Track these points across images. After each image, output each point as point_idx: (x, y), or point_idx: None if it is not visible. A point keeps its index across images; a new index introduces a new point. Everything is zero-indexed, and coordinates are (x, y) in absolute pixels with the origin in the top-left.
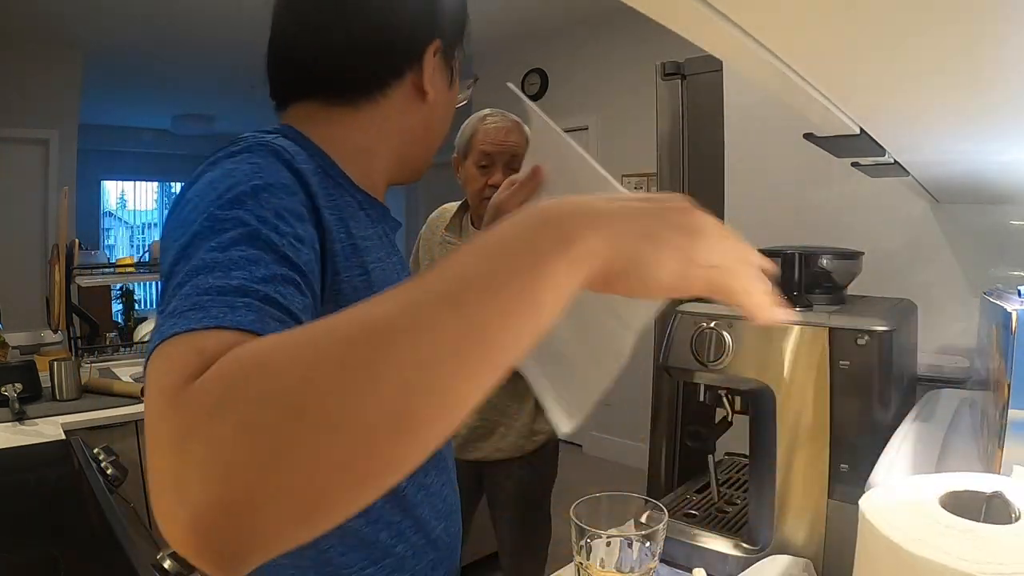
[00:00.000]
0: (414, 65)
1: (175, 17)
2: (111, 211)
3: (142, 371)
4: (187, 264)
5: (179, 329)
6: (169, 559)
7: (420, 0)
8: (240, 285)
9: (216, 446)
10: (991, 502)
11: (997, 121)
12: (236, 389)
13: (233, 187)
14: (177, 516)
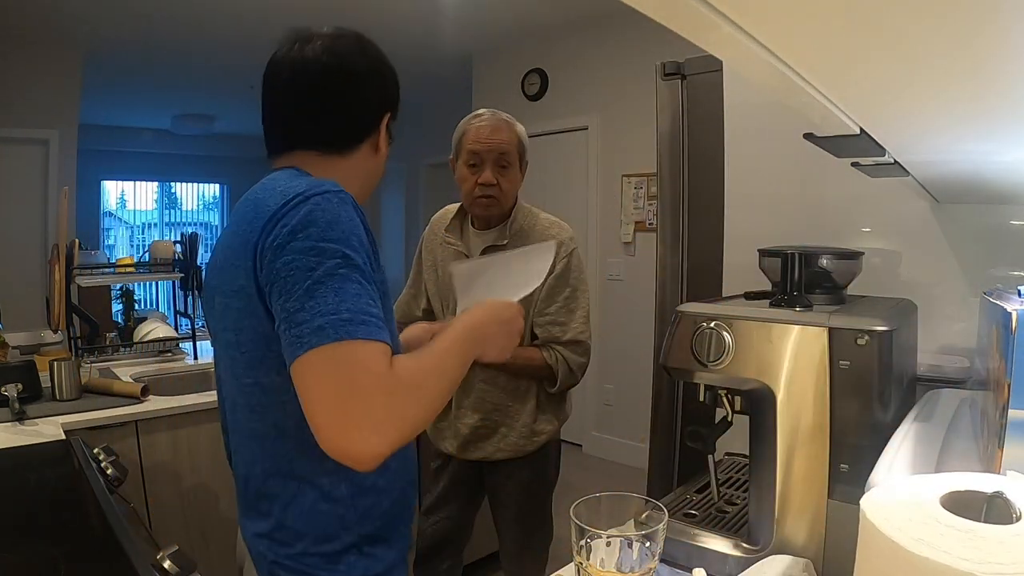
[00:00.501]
0: (375, 129)
1: (175, 17)
2: (111, 211)
3: (302, 344)
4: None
5: (366, 336)
6: (169, 559)
7: (380, 90)
8: (375, 312)
9: (408, 410)
10: (992, 502)
11: (997, 121)
12: (416, 381)
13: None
14: (375, 448)
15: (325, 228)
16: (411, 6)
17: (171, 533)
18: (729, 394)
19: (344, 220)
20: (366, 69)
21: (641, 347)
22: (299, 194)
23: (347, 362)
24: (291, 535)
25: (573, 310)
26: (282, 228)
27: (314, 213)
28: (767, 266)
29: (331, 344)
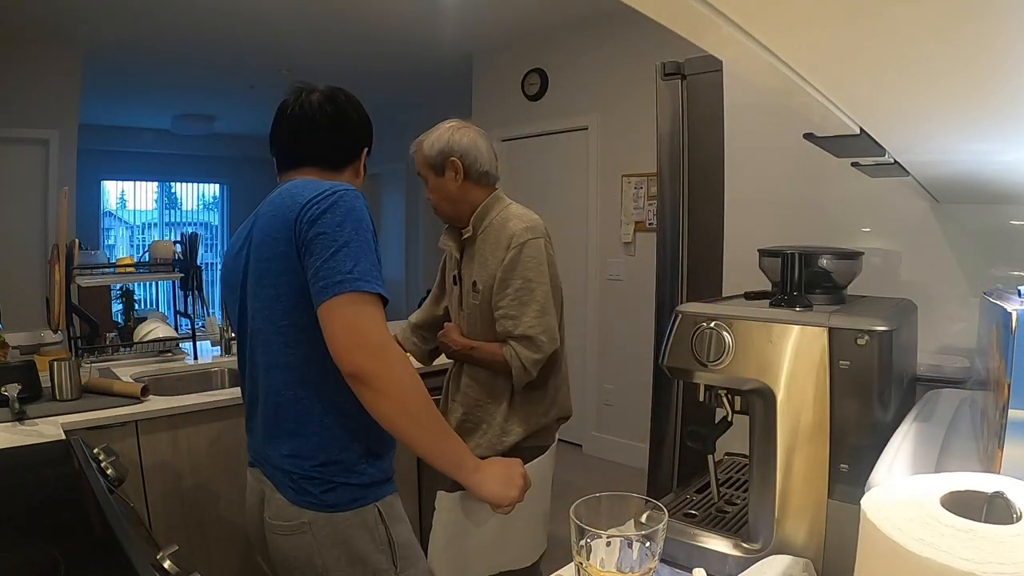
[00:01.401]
0: (357, 158)
1: (175, 17)
2: (111, 211)
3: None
4: (353, 248)
5: (377, 291)
6: (169, 559)
7: (362, 130)
8: (380, 277)
9: (397, 363)
10: (992, 502)
11: (998, 121)
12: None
13: (362, 218)
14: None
15: (347, 211)
16: (411, 6)
17: (171, 533)
18: (729, 394)
19: (359, 209)
20: (355, 114)
21: (641, 347)
22: (329, 188)
23: (356, 305)
24: (315, 447)
25: (526, 303)
26: (317, 208)
27: (340, 201)
28: (767, 266)
29: (346, 293)
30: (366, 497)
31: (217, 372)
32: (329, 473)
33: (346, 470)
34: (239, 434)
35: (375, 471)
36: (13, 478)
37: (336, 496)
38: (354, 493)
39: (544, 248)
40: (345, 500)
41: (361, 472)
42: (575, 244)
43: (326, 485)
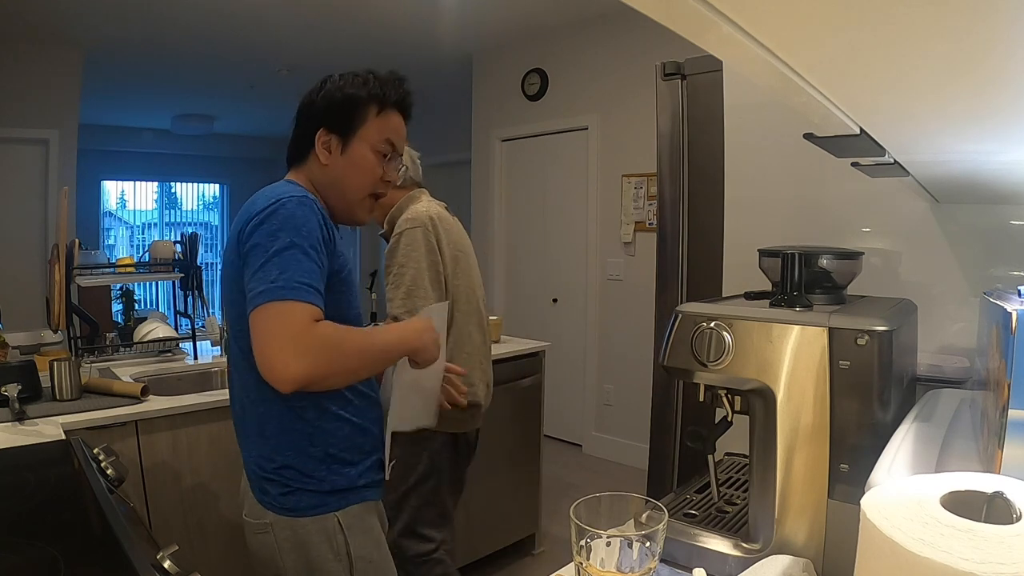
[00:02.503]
0: (312, 145)
1: (175, 17)
2: (111, 211)
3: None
4: (282, 258)
5: (295, 298)
6: (169, 559)
7: (321, 110)
8: (310, 282)
9: (321, 357)
10: (992, 502)
11: (997, 121)
12: (332, 342)
13: (302, 226)
14: (298, 370)
15: (285, 219)
16: (411, 6)
17: (171, 533)
18: (729, 394)
19: (299, 217)
20: (320, 97)
21: (641, 347)
22: (275, 196)
23: (275, 315)
24: (273, 450)
25: (397, 287)
26: (257, 220)
27: (279, 211)
28: (767, 266)
29: (267, 303)
30: (327, 504)
31: (217, 372)
32: (287, 477)
33: (305, 475)
34: None
35: (339, 479)
36: (13, 478)
37: (295, 500)
38: (314, 499)
39: (422, 236)
40: (304, 505)
41: (321, 479)
42: (575, 244)
43: (284, 488)
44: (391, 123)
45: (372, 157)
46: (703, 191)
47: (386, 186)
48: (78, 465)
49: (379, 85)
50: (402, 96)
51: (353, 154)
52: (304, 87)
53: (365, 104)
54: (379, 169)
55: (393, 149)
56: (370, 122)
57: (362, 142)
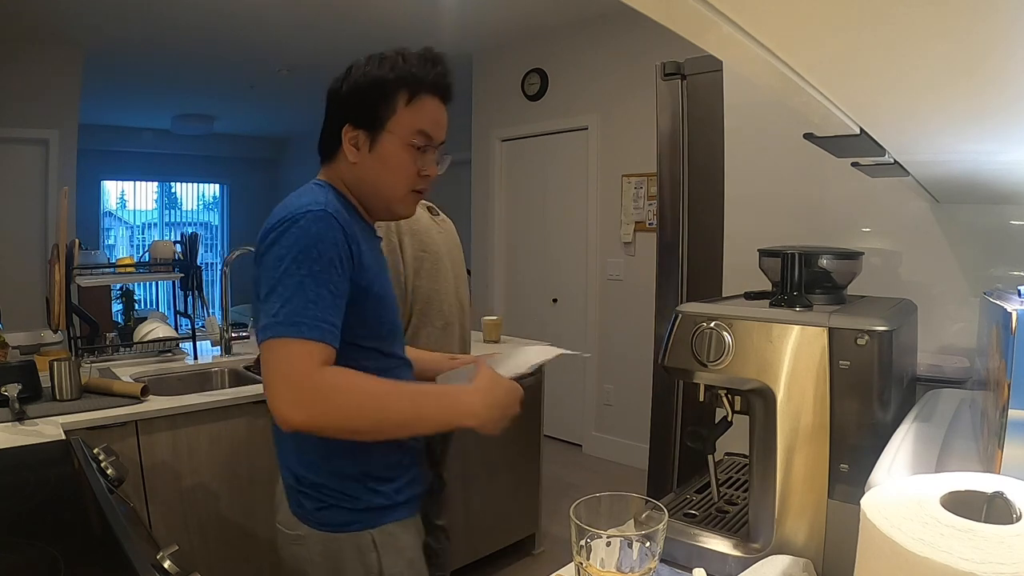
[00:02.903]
0: (340, 142)
1: (175, 17)
2: (111, 211)
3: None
4: (286, 287)
5: (295, 335)
6: (169, 559)
7: (346, 100)
8: (317, 314)
9: (316, 410)
10: (992, 502)
11: (997, 121)
12: (336, 393)
13: (312, 247)
14: (294, 418)
15: (293, 242)
16: (411, 6)
17: (171, 533)
18: (729, 394)
19: (312, 235)
20: (344, 84)
21: (641, 347)
22: (289, 213)
23: (274, 355)
24: (310, 466)
25: None
26: (268, 241)
27: (290, 230)
28: (767, 266)
29: (268, 340)
30: (361, 522)
31: (217, 372)
32: (323, 493)
33: (341, 492)
34: (239, 434)
35: (375, 496)
36: (13, 478)
37: (330, 516)
38: (348, 516)
39: (384, 234)
40: (339, 522)
41: (357, 497)
42: (575, 244)
43: (319, 504)
44: (425, 111)
45: (404, 154)
46: (703, 191)
47: (426, 181)
48: (78, 465)
49: (408, 67)
50: (437, 77)
51: (383, 151)
52: (304, 87)
53: (393, 92)
54: (413, 165)
55: (429, 140)
56: (400, 112)
57: (392, 136)
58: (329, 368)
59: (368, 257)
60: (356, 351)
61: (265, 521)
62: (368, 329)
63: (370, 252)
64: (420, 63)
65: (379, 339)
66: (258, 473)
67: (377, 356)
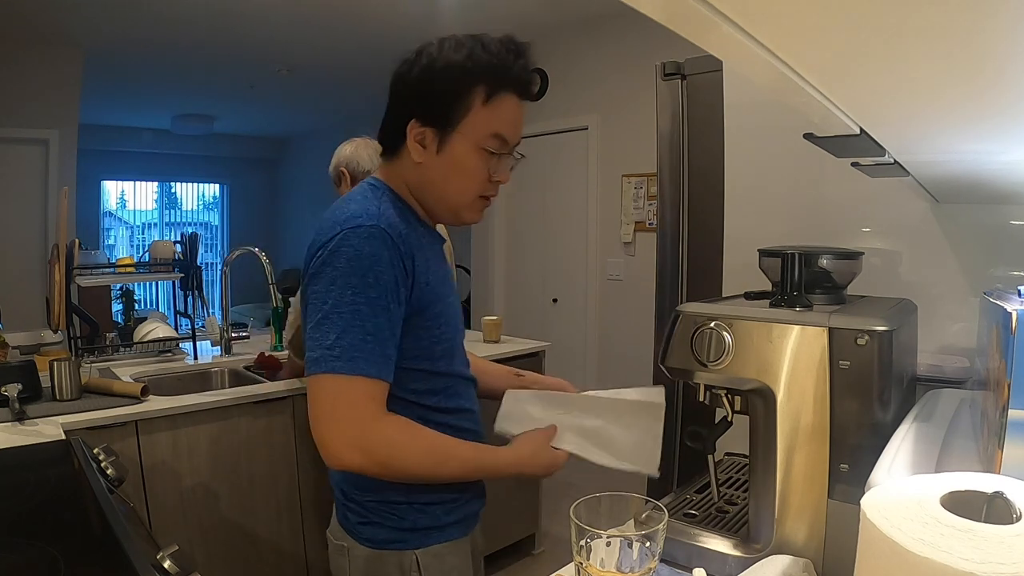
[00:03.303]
0: (404, 138)
1: (175, 17)
2: (111, 211)
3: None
4: (342, 315)
5: (353, 372)
6: (169, 559)
7: (414, 90)
8: (375, 347)
9: (374, 459)
10: (992, 502)
11: (997, 121)
12: (397, 449)
13: (368, 270)
14: (351, 461)
15: (345, 266)
16: (411, 6)
17: (171, 533)
18: (729, 394)
19: (365, 255)
20: (415, 71)
21: (641, 347)
22: (338, 229)
23: (331, 392)
24: (356, 481)
25: None
26: (318, 260)
27: (341, 250)
28: (767, 266)
29: (322, 374)
30: (406, 541)
31: (217, 372)
32: (368, 508)
33: (387, 510)
34: (239, 434)
35: (421, 516)
36: (13, 478)
37: (373, 532)
38: (392, 534)
39: None
40: (382, 539)
41: (402, 516)
42: (575, 244)
43: (363, 519)
44: (502, 112)
45: (476, 159)
46: (703, 191)
47: (496, 187)
48: (78, 465)
49: (489, 58)
50: (520, 72)
51: (452, 153)
52: (304, 87)
53: (469, 87)
54: (485, 171)
55: (505, 144)
56: (475, 112)
57: (464, 139)
58: (387, 419)
59: (429, 272)
60: (408, 374)
61: (265, 521)
62: (420, 350)
63: (431, 264)
64: (502, 53)
65: (431, 359)
66: (258, 473)
67: (430, 377)
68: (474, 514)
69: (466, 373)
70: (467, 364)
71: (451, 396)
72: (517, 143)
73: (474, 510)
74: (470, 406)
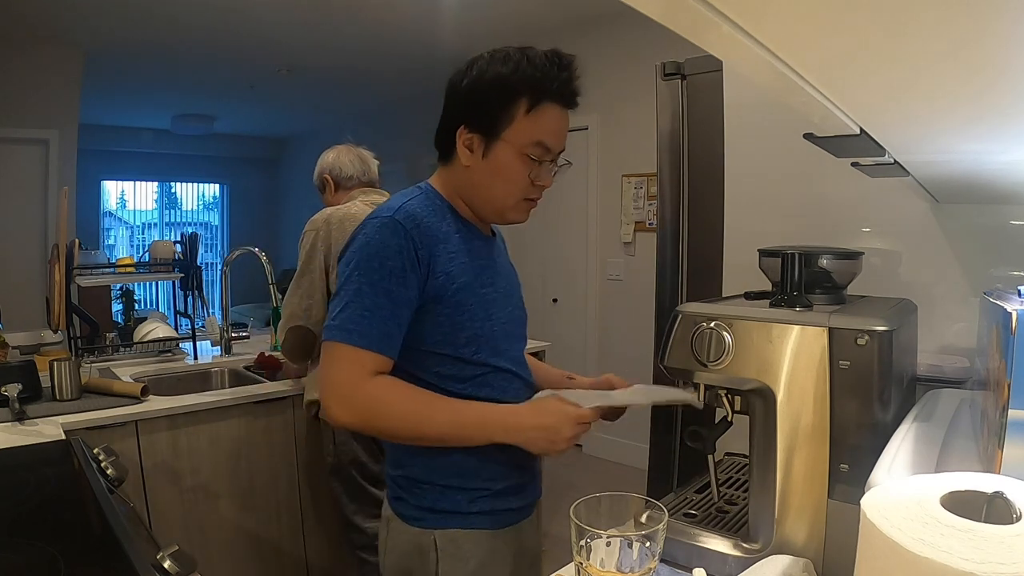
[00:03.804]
0: (454, 142)
1: (175, 17)
2: (111, 211)
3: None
4: (347, 292)
5: (345, 340)
6: (169, 559)
7: (462, 99)
8: (372, 322)
9: (357, 416)
10: (992, 502)
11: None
12: (380, 404)
13: (374, 255)
14: (340, 418)
15: (359, 248)
16: (411, 6)
17: (171, 533)
18: (729, 394)
19: (374, 243)
20: (464, 81)
21: (641, 347)
22: (367, 220)
23: (328, 356)
24: (393, 458)
25: (296, 286)
26: (346, 244)
27: (358, 237)
28: (767, 266)
29: (325, 341)
30: (425, 520)
31: (217, 372)
32: (399, 484)
33: (412, 487)
34: (239, 434)
35: (442, 499)
36: (13, 478)
37: (402, 507)
38: (416, 512)
39: (312, 240)
40: (407, 515)
41: (424, 494)
42: (575, 244)
43: (396, 494)
44: (545, 121)
45: (519, 164)
46: (703, 191)
47: (539, 190)
48: (78, 465)
49: (533, 71)
50: (562, 84)
51: (496, 159)
52: (304, 87)
53: (513, 98)
54: (527, 176)
55: (547, 151)
56: (518, 121)
57: (507, 145)
58: (375, 379)
59: (452, 264)
60: (430, 357)
61: (265, 521)
62: (443, 336)
63: (456, 257)
64: (546, 67)
65: (454, 345)
66: (258, 473)
67: (455, 363)
68: (511, 510)
69: (502, 365)
70: (510, 358)
71: (481, 385)
72: (561, 150)
73: (511, 506)
74: (503, 397)
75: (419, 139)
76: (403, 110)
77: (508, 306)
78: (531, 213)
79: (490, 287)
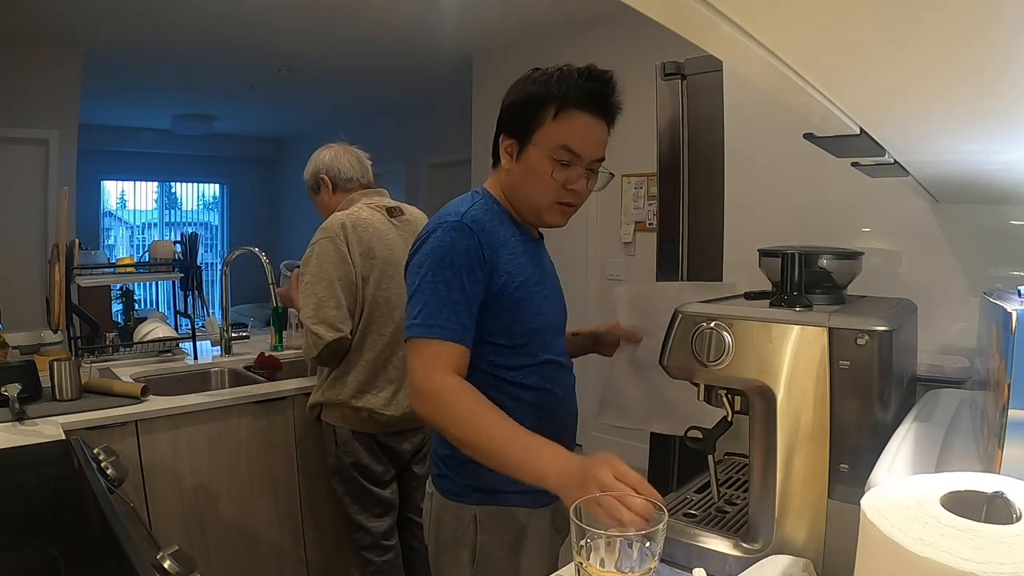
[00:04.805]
0: (498, 149)
1: (175, 17)
2: (111, 211)
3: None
4: (424, 292)
5: (427, 335)
6: (169, 559)
7: (504, 111)
8: (450, 316)
9: (426, 408)
10: (992, 502)
11: (997, 121)
12: (443, 399)
13: (445, 254)
14: (415, 407)
15: (429, 251)
16: (412, 7)
17: (171, 533)
18: (729, 394)
19: (445, 244)
20: (507, 95)
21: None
22: (432, 223)
23: (413, 352)
24: (438, 438)
25: (307, 296)
26: (415, 246)
27: (428, 240)
28: (767, 266)
29: (408, 340)
30: (466, 496)
31: (217, 372)
32: (445, 463)
33: (457, 466)
34: (239, 434)
35: (481, 480)
36: (13, 478)
37: (445, 483)
38: (459, 488)
39: (330, 247)
40: (449, 491)
41: (469, 472)
42: (575, 244)
43: (440, 472)
44: (571, 126)
45: (547, 166)
46: (703, 191)
47: (572, 195)
48: (78, 465)
49: (562, 82)
50: (586, 93)
51: (528, 161)
52: (304, 87)
53: (541, 105)
54: (555, 179)
55: (574, 156)
56: (546, 126)
57: (537, 149)
58: (450, 377)
59: (512, 264)
60: (488, 348)
61: (265, 521)
62: (501, 329)
63: (515, 258)
64: (574, 77)
65: (510, 336)
66: (258, 473)
67: (511, 354)
68: (547, 492)
69: (549, 356)
70: (555, 349)
71: (531, 374)
72: (597, 158)
73: (538, 489)
74: (551, 388)
75: (418, 139)
76: (403, 110)
77: (555, 302)
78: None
79: (541, 285)
